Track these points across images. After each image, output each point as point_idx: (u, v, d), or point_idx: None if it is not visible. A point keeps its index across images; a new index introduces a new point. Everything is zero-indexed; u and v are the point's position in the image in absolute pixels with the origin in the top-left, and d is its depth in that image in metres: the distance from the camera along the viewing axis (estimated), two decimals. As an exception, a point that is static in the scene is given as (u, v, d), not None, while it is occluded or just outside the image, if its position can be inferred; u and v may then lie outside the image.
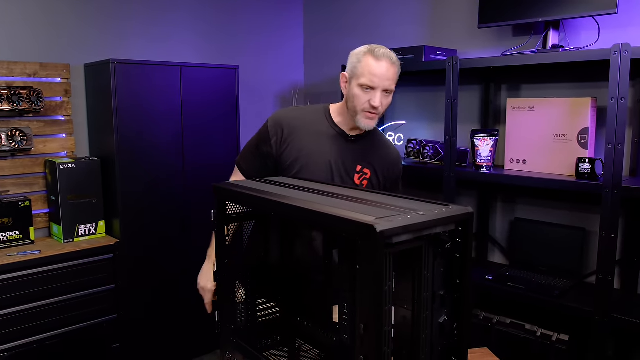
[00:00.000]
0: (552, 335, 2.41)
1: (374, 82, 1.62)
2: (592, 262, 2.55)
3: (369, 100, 1.63)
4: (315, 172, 1.70)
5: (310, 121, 1.75)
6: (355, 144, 1.76)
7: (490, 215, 3.00)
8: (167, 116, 2.95)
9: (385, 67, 1.61)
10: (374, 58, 1.62)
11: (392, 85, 1.65)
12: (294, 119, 1.75)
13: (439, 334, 1.11)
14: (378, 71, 1.61)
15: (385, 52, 1.63)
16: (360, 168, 1.74)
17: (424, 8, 3.21)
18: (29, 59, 2.83)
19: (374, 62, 1.61)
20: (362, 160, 1.75)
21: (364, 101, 1.64)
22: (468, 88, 2.99)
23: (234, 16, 3.66)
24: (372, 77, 1.61)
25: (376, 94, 1.62)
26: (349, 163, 1.73)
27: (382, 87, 1.62)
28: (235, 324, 1.48)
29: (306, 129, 1.73)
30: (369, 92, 1.63)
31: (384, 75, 1.61)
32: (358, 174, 1.74)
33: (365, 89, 1.63)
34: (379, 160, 1.78)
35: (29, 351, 2.53)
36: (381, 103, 1.64)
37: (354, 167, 1.74)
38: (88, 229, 2.87)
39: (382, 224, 0.92)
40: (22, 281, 2.50)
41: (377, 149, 1.80)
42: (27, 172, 2.86)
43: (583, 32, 2.58)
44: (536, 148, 2.56)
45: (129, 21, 3.17)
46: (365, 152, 1.76)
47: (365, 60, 1.63)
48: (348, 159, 1.73)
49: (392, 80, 1.64)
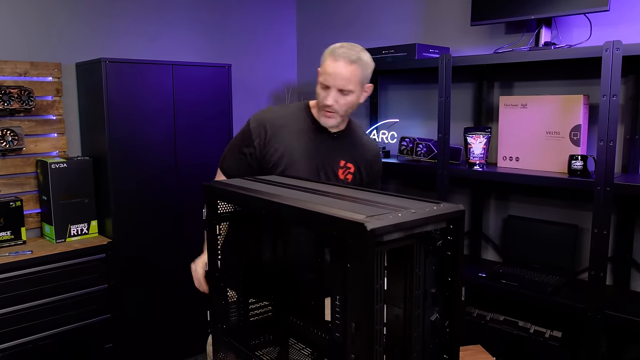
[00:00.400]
0: (545, 332, 2.42)
1: (327, 80, 1.66)
2: (585, 259, 2.55)
3: (324, 97, 1.68)
4: (300, 169, 1.71)
5: (292, 119, 1.78)
6: (338, 139, 1.78)
7: (484, 212, 3.01)
8: (160, 115, 2.94)
9: (341, 67, 1.64)
10: (332, 57, 1.66)
11: (347, 85, 1.66)
12: (276, 118, 1.77)
13: (431, 332, 1.11)
14: (332, 70, 1.64)
15: (345, 52, 1.65)
16: (344, 163, 1.77)
17: (416, 6, 3.21)
18: (19, 57, 2.81)
19: (331, 61, 1.65)
20: (345, 155, 1.78)
21: (321, 98, 1.69)
22: (461, 86, 3.00)
23: (226, 15, 3.64)
24: (326, 76, 1.66)
25: (329, 93, 1.66)
26: (333, 158, 1.76)
27: (336, 86, 1.65)
28: (227, 323, 1.48)
29: (289, 127, 1.75)
30: (325, 89, 1.68)
31: (337, 75, 1.64)
32: (342, 168, 1.76)
33: (323, 88, 1.68)
34: (360, 156, 1.82)
35: (22, 352, 2.51)
36: (336, 102, 1.67)
37: (337, 162, 1.76)
38: (80, 228, 2.85)
39: (373, 222, 0.92)
40: (13, 282, 2.49)
41: (358, 144, 1.83)
42: (18, 172, 2.84)
43: (575, 30, 2.58)
44: (529, 145, 2.56)
45: (121, 19, 3.15)
46: (348, 148, 1.79)
47: (326, 59, 1.68)
48: (331, 154, 1.76)
49: (348, 80, 1.65)
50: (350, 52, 1.65)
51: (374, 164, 1.87)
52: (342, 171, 1.76)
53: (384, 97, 3.44)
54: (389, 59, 2.89)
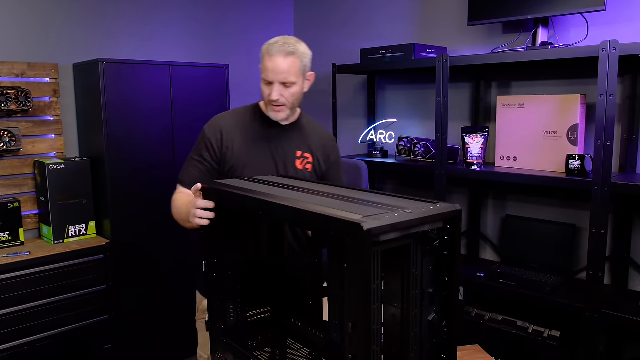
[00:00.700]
0: (543, 331, 2.42)
1: (269, 76, 1.70)
2: (583, 258, 2.56)
3: (269, 93, 1.71)
4: (260, 165, 1.76)
5: (245, 120, 1.83)
6: (291, 131, 1.83)
7: (482, 212, 3.01)
8: (157, 115, 2.94)
9: (279, 62, 1.67)
10: (269, 54, 1.69)
11: (289, 78, 1.70)
12: (230, 121, 1.82)
13: (429, 332, 1.11)
14: (272, 66, 1.68)
15: (280, 46, 1.69)
16: (301, 153, 1.81)
17: (413, 6, 3.21)
18: (16, 58, 2.80)
19: (269, 58, 1.69)
20: (300, 145, 1.82)
21: (266, 94, 1.73)
22: (458, 85, 3.00)
23: (224, 15, 3.64)
24: (267, 73, 1.70)
25: (273, 88, 1.70)
26: (289, 150, 1.80)
27: (278, 81, 1.69)
28: (225, 324, 1.48)
29: (243, 127, 1.80)
30: (269, 85, 1.71)
31: (277, 69, 1.68)
32: (299, 159, 1.81)
33: (266, 84, 1.72)
34: (316, 145, 1.86)
35: (20, 353, 2.51)
36: (281, 95, 1.71)
37: (294, 153, 1.81)
38: (78, 229, 2.85)
39: (369, 222, 0.92)
40: (11, 283, 2.48)
41: (312, 133, 1.87)
42: (16, 173, 2.83)
43: (572, 29, 2.59)
44: (526, 145, 2.56)
45: (118, 20, 3.15)
46: (302, 138, 1.84)
47: (263, 56, 1.71)
48: (287, 146, 1.80)
49: (289, 73, 1.69)
50: (286, 45, 1.69)
51: (330, 150, 1.90)
52: (299, 161, 1.81)
53: (381, 97, 3.44)
54: (386, 59, 2.89)
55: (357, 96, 3.59)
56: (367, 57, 3.00)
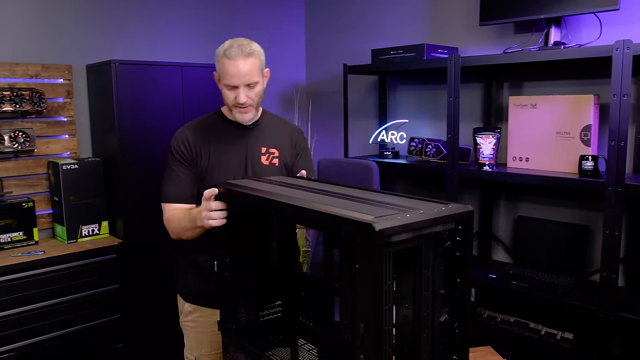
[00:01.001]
0: (556, 333, 2.40)
1: (233, 81, 1.71)
2: (596, 260, 2.54)
3: (235, 97, 1.73)
4: (229, 167, 1.80)
5: (209, 126, 1.86)
6: (254, 130, 1.86)
7: (494, 213, 2.99)
8: (169, 116, 2.95)
9: (240, 65, 1.69)
10: (228, 59, 1.70)
11: (253, 78, 1.72)
12: (194, 130, 1.85)
13: (440, 333, 1.10)
14: (234, 70, 1.69)
15: (237, 50, 1.70)
16: (265, 149, 1.85)
17: (424, 6, 3.21)
18: (31, 60, 2.83)
19: (228, 63, 1.70)
20: (265, 142, 1.86)
21: (232, 98, 1.74)
22: (470, 86, 2.99)
23: (234, 15, 3.66)
24: (230, 78, 1.71)
25: (239, 91, 1.72)
26: (254, 148, 1.84)
27: (242, 83, 1.71)
28: (237, 324, 1.48)
29: (207, 134, 1.83)
30: (233, 90, 1.73)
31: (240, 73, 1.70)
32: (264, 155, 1.85)
33: (230, 89, 1.73)
34: (281, 138, 1.91)
35: (33, 351, 2.54)
36: (247, 97, 1.73)
37: (259, 150, 1.84)
38: (91, 229, 2.88)
39: (381, 223, 0.92)
40: (26, 282, 2.51)
41: (275, 128, 1.92)
42: (30, 173, 2.87)
43: (585, 29, 2.57)
44: (539, 145, 2.55)
45: (130, 21, 3.17)
46: (266, 135, 1.88)
47: (222, 62, 1.72)
48: (251, 145, 1.84)
49: (252, 74, 1.72)
50: (243, 47, 1.71)
51: (296, 140, 1.94)
52: (264, 157, 1.85)
53: (392, 97, 3.44)
54: (397, 60, 2.89)
55: (368, 96, 3.58)
56: (378, 58, 3.00)
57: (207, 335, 1.86)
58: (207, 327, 1.85)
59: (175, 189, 1.80)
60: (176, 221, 1.74)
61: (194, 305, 1.88)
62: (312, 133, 3.95)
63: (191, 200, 1.79)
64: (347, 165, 2.88)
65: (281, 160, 1.88)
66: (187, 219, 1.67)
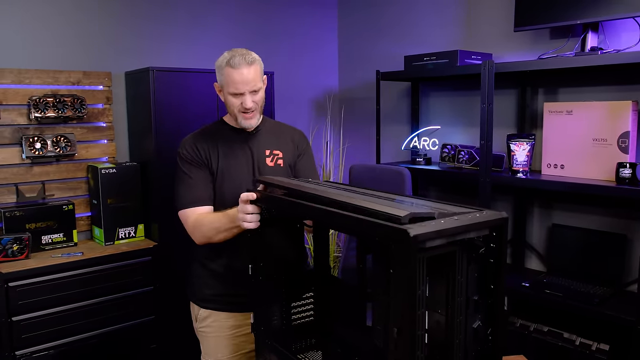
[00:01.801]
0: (591, 344, 2.35)
1: (239, 89, 1.77)
2: (634, 270, 2.48)
3: (241, 103, 1.80)
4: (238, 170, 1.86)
5: (214, 134, 1.92)
6: (257, 135, 1.92)
7: (527, 221, 2.95)
8: (204, 121, 2.98)
9: (245, 73, 1.76)
10: (232, 68, 1.76)
11: (257, 85, 1.79)
12: (200, 138, 1.91)
13: (473, 339, 1.10)
14: (240, 78, 1.76)
15: (240, 59, 1.76)
16: (270, 151, 1.92)
17: (458, 12, 3.19)
18: (73, 67, 2.93)
19: (233, 72, 1.76)
20: (268, 144, 1.92)
21: (238, 104, 1.80)
22: (504, 92, 2.96)
23: (269, 22, 3.71)
24: (236, 85, 1.77)
25: (245, 98, 1.79)
26: (259, 151, 1.90)
27: (248, 90, 1.78)
28: (269, 327, 1.50)
29: (213, 141, 1.89)
30: (239, 97, 1.79)
31: (245, 80, 1.76)
32: (269, 157, 1.91)
33: (236, 96, 1.80)
34: (284, 140, 1.97)
35: (70, 350, 2.61)
36: (253, 102, 1.80)
37: (263, 153, 1.91)
38: (128, 232, 2.95)
39: (416, 229, 0.93)
40: (65, 282, 2.59)
41: (278, 132, 1.99)
42: (71, 177, 2.96)
43: (623, 34, 2.52)
44: (574, 152, 2.51)
45: (168, 28, 3.25)
46: (269, 138, 1.95)
47: (226, 72, 1.78)
48: (257, 148, 1.90)
49: (256, 80, 1.79)
50: (245, 56, 1.77)
51: (298, 142, 2.00)
52: (269, 159, 1.91)
53: (425, 104, 3.43)
54: (430, 66, 2.88)
55: (401, 103, 3.58)
56: (411, 64, 3.00)
57: (222, 339, 1.89)
58: (222, 331, 1.89)
59: (194, 193, 1.84)
60: (208, 224, 1.77)
61: (208, 310, 1.91)
62: (344, 139, 3.97)
63: (211, 202, 1.84)
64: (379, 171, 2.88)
65: (285, 161, 1.94)
66: (225, 219, 1.69)
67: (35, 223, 2.73)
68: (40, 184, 2.84)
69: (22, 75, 2.77)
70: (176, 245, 2.96)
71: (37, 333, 2.51)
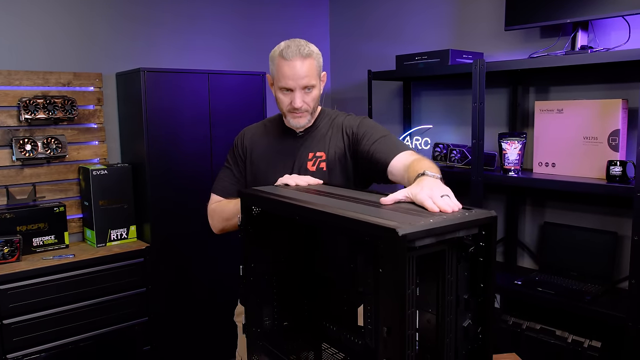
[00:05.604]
0: (583, 341, 2.36)
1: (288, 84, 1.62)
2: (625, 267, 2.49)
3: (290, 102, 1.65)
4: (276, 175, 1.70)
5: (268, 131, 1.83)
6: (304, 137, 1.77)
7: (519, 219, 2.96)
8: (196, 123, 3.01)
9: (298, 66, 1.60)
10: (284, 60, 1.60)
11: (310, 81, 1.63)
12: (255, 132, 1.84)
13: (463, 338, 1.10)
14: (290, 72, 1.60)
15: (295, 50, 1.60)
16: (312, 154, 1.74)
17: (449, 11, 3.20)
18: (63, 68, 2.92)
19: (285, 64, 1.60)
20: (313, 147, 1.75)
21: (287, 103, 1.66)
22: (495, 91, 2.97)
23: (260, 22, 3.70)
24: (286, 80, 1.61)
25: (295, 95, 1.63)
26: (302, 156, 1.75)
27: (299, 86, 1.62)
28: (261, 327, 1.50)
29: (265, 138, 1.81)
30: (289, 93, 1.64)
31: (297, 75, 1.60)
32: (311, 160, 1.74)
33: (285, 92, 1.64)
34: (332, 136, 1.76)
35: (63, 352, 2.60)
36: (303, 102, 1.64)
37: (306, 156, 1.75)
38: (120, 233, 2.94)
39: (405, 228, 0.93)
40: (56, 284, 2.58)
41: (327, 128, 1.78)
42: (62, 179, 2.95)
43: (613, 33, 2.53)
44: (565, 151, 2.52)
45: (158, 29, 3.24)
46: (316, 139, 1.76)
47: (278, 63, 1.62)
48: (300, 153, 1.75)
49: (310, 76, 1.62)
50: (301, 47, 1.61)
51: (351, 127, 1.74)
52: (311, 163, 1.74)
53: (417, 103, 3.43)
54: (421, 65, 2.89)
55: (393, 102, 3.59)
56: (402, 64, 3.00)
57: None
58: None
59: (222, 183, 1.83)
60: (219, 212, 1.77)
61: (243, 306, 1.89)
62: (336, 139, 3.96)
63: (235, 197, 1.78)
64: (371, 170, 2.88)
65: (330, 162, 1.74)
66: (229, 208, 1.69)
67: (26, 225, 2.72)
68: (31, 186, 2.83)
69: (12, 77, 2.75)
70: (169, 246, 2.96)
71: (28, 336, 2.50)
